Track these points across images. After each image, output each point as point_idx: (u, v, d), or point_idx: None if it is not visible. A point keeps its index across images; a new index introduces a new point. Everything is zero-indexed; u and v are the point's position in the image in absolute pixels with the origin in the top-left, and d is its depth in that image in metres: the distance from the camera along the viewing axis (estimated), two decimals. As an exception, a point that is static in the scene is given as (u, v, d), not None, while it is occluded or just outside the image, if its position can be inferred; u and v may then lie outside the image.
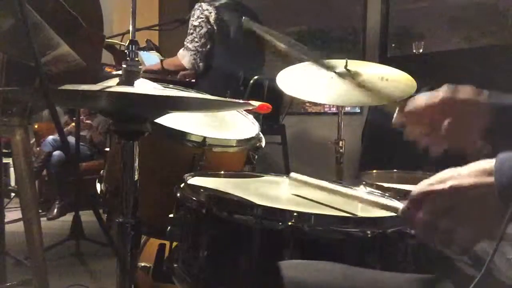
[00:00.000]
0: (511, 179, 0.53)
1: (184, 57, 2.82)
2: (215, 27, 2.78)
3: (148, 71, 3.01)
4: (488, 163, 0.56)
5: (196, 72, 2.89)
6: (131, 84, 0.89)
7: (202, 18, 2.77)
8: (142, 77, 0.93)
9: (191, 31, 2.81)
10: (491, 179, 0.55)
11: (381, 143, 3.08)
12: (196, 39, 2.78)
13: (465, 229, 0.56)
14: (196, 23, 2.78)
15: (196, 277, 0.86)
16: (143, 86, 0.95)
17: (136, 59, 0.91)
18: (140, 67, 0.90)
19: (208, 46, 2.80)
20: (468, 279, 0.73)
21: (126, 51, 0.90)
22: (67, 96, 0.89)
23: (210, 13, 2.77)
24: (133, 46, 0.91)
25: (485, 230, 0.56)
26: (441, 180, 0.59)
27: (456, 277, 0.67)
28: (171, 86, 1.51)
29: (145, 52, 3.40)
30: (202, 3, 2.82)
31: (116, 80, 0.93)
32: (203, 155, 1.19)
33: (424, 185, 0.60)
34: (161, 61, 3.09)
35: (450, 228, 0.57)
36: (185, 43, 2.83)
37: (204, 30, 2.77)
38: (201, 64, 2.82)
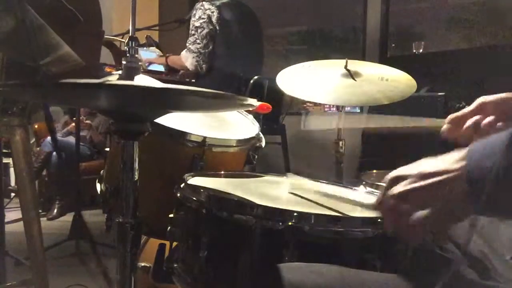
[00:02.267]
0: (478, 162, 0.55)
1: (187, 59, 2.81)
2: (217, 27, 2.77)
3: (152, 63, 3.00)
4: (461, 152, 0.58)
5: (198, 74, 2.89)
6: (131, 79, 0.89)
7: (204, 18, 2.77)
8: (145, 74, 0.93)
9: (193, 32, 2.79)
10: (461, 164, 0.56)
11: (381, 143, 3.08)
12: (198, 41, 2.78)
13: (434, 214, 0.58)
14: (197, 24, 2.77)
15: (196, 277, 0.86)
16: (144, 81, 0.95)
17: (136, 55, 0.91)
18: (140, 63, 0.91)
19: (210, 47, 2.80)
20: (466, 281, 0.73)
21: (126, 47, 0.91)
22: (66, 94, 0.88)
23: (213, 12, 2.77)
24: (133, 42, 0.91)
25: (453, 214, 0.58)
26: (413, 167, 0.62)
27: (454, 279, 0.67)
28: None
29: (144, 49, 3.39)
30: (204, 2, 2.81)
31: (116, 77, 0.93)
32: (203, 155, 1.19)
33: (398, 171, 0.63)
34: (166, 57, 3.07)
35: (419, 212, 0.59)
36: (187, 44, 2.82)
37: (206, 30, 2.77)
38: (204, 65, 2.81)
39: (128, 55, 0.89)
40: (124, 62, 0.89)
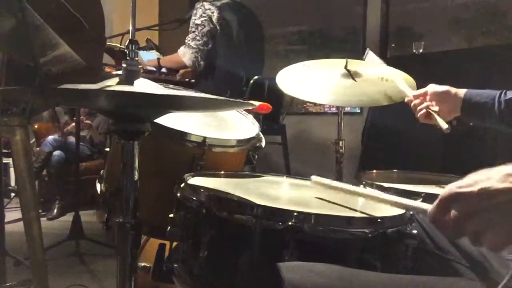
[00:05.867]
0: None
1: (185, 54, 2.81)
2: (217, 27, 2.78)
3: (144, 69, 2.99)
4: None
5: (196, 71, 2.89)
6: (131, 83, 0.89)
7: (204, 17, 2.77)
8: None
9: (193, 29, 2.80)
10: None
11: (381, 143, 3.08)
12: (198, 37, 2.78)
13: (494, 233, 0.55)
14: (198, 22, 2.78)
15: (196, 277, 0.86)
16: (143, 86, 0.95)
17: (136, 58, 0.91)
18: (140, 66, 0.91)
19: (210, 45, 2.80)
20: (465, 280, 0.73)
21: (126, 50, 0.91)
22: (66, 95, 0.89)
23: (213, 12, 2.78)
24: (133, 45, 0.91)
25: None
26: (471, 183, 0.57)
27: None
28: (171, 86, 1.51)
29: (144, 52, 3.39)
30: (204, 3, 2.82)
31: (116, 79, 0.93)
32: (203, 155, 1.19)
33: (453, 187, 0.59)
34: (158, 59, 3.08)
35: (478, 231, 0.56)
36: (186, 40, 2.82)
37: (206, 28, 2.77)
38: (202, 62, 2.81)
39: (128, 58, 0.89)
40: (124, 65, 0.89)
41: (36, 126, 4.16)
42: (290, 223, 0.75)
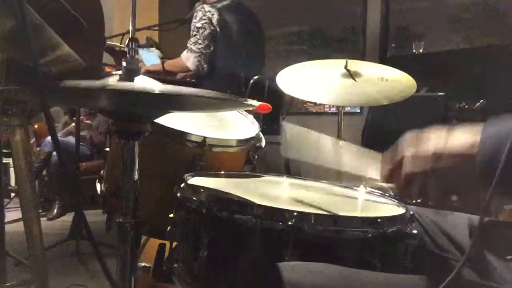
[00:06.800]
0: (490, 157, 0.58)
1: (189, 59, 2.83)
2: (217, 29, 2.80)
3: (148, 71, 3.01)
4: (474, 135, 0.60)
5: (200, 74, 2.90)
6: (131, 81, 0.89)
7: (205, 19, 2.79)
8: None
9: (194, 32, 2.82)
10: (474, 150, 0.59)
11: (381, 143, 3.07)
12: (199, 41, 2.80)
13: (439, 187, 0.63)
14: (199, 25, 2.80)
15: (196, 277, 0.86)
16: (144, 83, 0.95)
17: (136, 57, 0.91)
18: (140, 65, 0.91)
19: (212, 48, 2.82)
20: (466, 281, 0.73)
21: (126, 49, 0.91)
22: (66, 95, 0.89)
23: (213, 14, 2.79)
24: (133, 44, 0.91)
25: (459, 192, 0.63)
26: (426, 142, 0.64)
27: (454, 279, 0.67)
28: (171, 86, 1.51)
29: (144, 51, 3.39)
30: (204, 5, 2.84)
31: (116, 79, 0.93)
32: (203, 155, 1.19)
33: (409, 149, 0.66)
34: (162, 62, 3.09)
35: (426, 185, 0.64)
36: (188, 45, 2.84)
37: (207, 31, 2.79)
38: (205, 65, 2.83)
39: (128, 56, 0.89)
40: (124, 64, 0.89)
41: (36, 126, 4.16)
42: (290, 223, 0.75)
